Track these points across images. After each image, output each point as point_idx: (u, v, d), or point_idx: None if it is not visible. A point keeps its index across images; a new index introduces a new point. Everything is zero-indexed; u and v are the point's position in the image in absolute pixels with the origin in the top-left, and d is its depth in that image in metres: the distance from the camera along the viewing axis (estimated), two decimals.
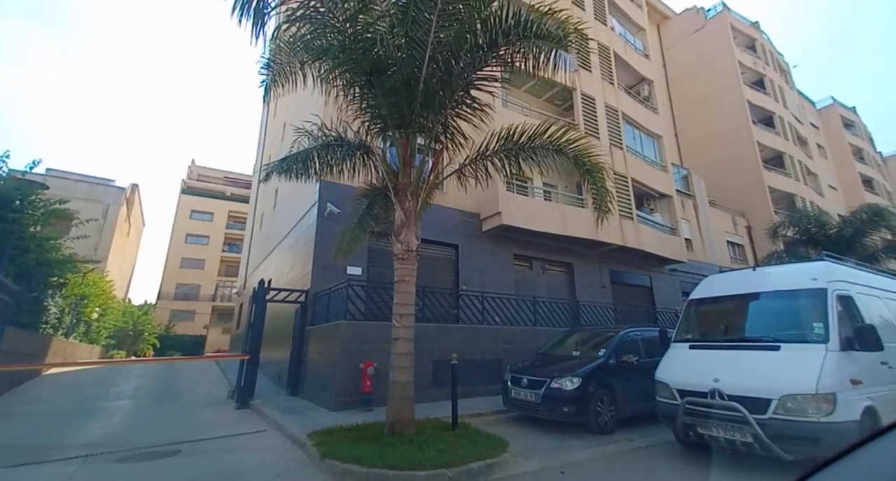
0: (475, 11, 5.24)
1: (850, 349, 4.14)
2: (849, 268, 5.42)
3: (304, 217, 11.06)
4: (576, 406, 5.83)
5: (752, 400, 4.04)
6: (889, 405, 4.16)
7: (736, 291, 5.49)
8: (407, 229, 5.79)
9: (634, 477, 4.25)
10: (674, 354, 5.35)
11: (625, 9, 19.42)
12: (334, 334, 7.87)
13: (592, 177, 5.94)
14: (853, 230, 15.31)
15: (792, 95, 33.30)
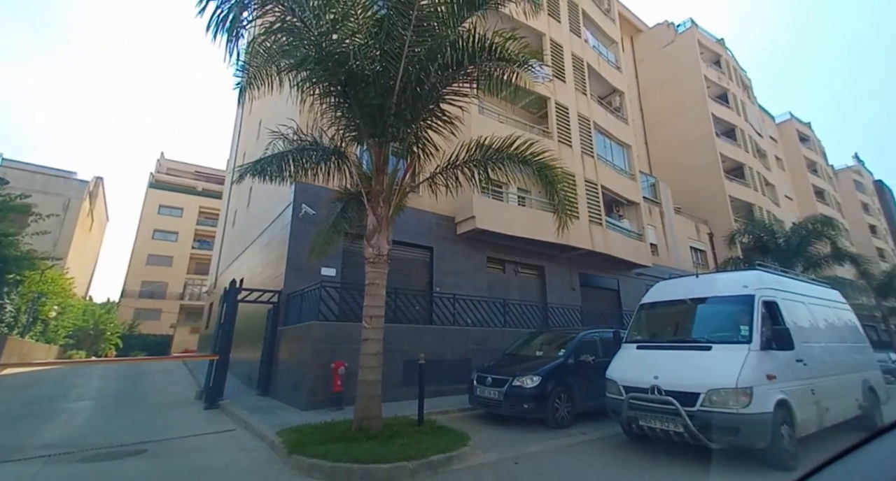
0: (448, 28, 5.54)
1: (769, 348, 4.68)
2: (777, 276, 6.03)
3: (279, 217, 11.06)
4: (535, 403, 6.22)
5: (684, 394, 4.52)
6: (800, 398, 4.74)
7: (679, 296, 6.02)
8: (379, 234, 6.02)
9: (579, 466, 4.64)
10: (623, 354, 5.81)
11: (598, 22, 20.19)
12: (306, 334, 7.98)
13: (554, 188, 6.34)
14: (800, 239, 16.56)
15: (753, 109, 35.32)
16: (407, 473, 4.10)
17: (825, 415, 5.14)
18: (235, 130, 27.70)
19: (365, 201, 6.22)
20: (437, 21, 5.49)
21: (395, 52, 5.51)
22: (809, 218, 17.76)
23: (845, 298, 7.14)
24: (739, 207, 27.33)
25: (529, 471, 4.40)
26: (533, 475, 4.31)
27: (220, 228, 26.52)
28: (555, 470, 4.47)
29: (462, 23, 5.71)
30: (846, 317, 7.10)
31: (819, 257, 16.90)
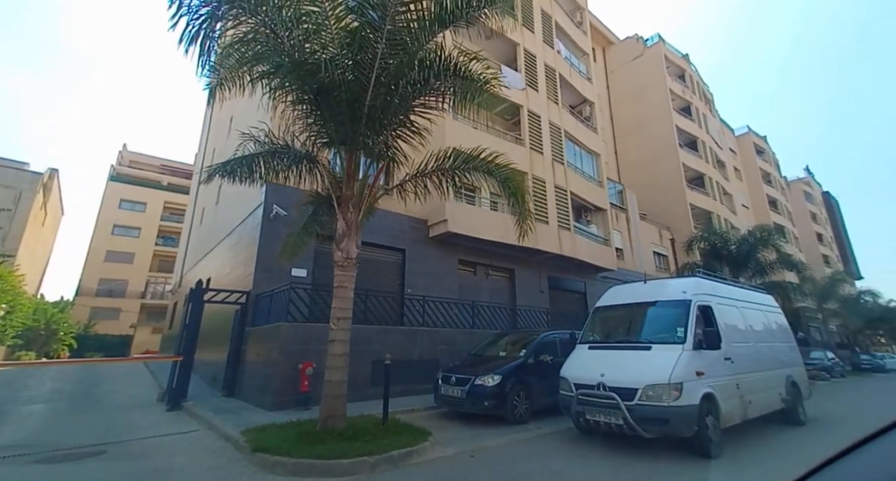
0: (419, 43, 5.80)
1: (701, 348, 5.22)
2: (714, 282, 6.65)
3: (249, 217, 10.98)
4: (495, 400, 6.58)
5: (625, 390, 4.97)
6: (726, 392, 5.31)
7: (628, 301, 6.54)
8: (348, 239, 6.20)
9: (530, 457, 5.01)
10: (576, 354, 6.25)
11: (571, 34, 20.97)
12: (275, 335, 8.03)
13: (517, 197, 6.70)
14: (749, 247, 17.84)
15: (714, 122, 37.42)
16: (367, 467, 4.33)
17: (749, 408, 5.74)
18: (205, 124, 26.89)
19: (335, 206, 6.38)
20: (409, 36, 5.74)
21: (367, 63, 5.70)
22: (758, 227, 19.15)
23: (791, 302, 7.99)
24: (700, 215, 28.93)
25: (483, 463, 4.73)
26: (486, 466, 4.64)
27: (187, 225, 25.68)
28: (507, 461, 4.82)
29: (433, 38, 5.98)
30: (776, 319, 7.85)
31: (766, 263, 18.25)
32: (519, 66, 16.69)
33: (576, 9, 22.58)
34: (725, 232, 21.12)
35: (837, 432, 6.65)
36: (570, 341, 7.16)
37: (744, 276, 18.81)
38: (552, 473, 4.39)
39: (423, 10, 5.64)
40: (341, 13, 5.75)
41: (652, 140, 29.98)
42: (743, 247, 18.14)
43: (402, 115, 6.01)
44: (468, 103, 5.56)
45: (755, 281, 18.93)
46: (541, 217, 15.33)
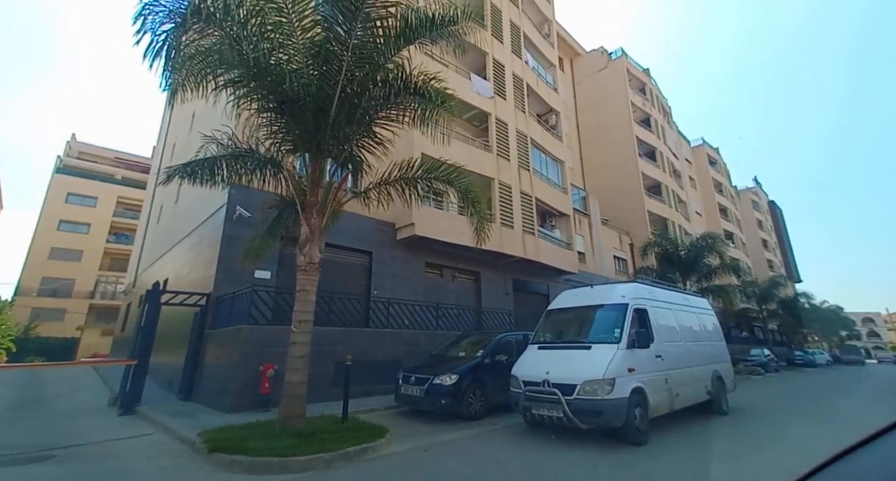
0: (384, 57, 6.06)
1: (633, 347, 5.80)
2: (651, 287, 7.32)
3: (211, 217, 10.80)
4: (452, 398, 6.94)
5: (567, 386, 5.47)
6: (654, 385, 5.93)
7: (576, 304, 7.09)
8: (311, 243, 6.36)
9: (479, 450, 5.41)
10: (527, 354, 6.73)
11: (539, 45, 21.78)
12: (235, 338, 8.02)
13: (476, 208, 7.09)
14: (696, 252, 19.25)
15: (671, 134, 39.72)
16: (323, 463, 4.54)
17: (676, 400, 6.40)
18: (165, 118, 25.77)
19: (299, 211, 6.52)
20: (375, 50, 5.99)
21: (333, 74, 5.91)
22: (705, 234, 20.68)
23: (734, 304, 8.76)
24: (657, 221, 30.66)
25: (435, 457, 5.06)
26: (437, 459, 4.97)
27: (143, 222, 24.50)
28: (457, 454, 5.18)
29: (399, 51, 6.26)
30: (708, 320, 8.68)
31: (711, 268, 19.75)
32: (488, 74, 17.21)
33: (544, 21, 23.44)
34: (676, 238, 22.60)
35: (750, 420, 7.49)
36: (524, 342, 7.62)
37: (692, 279, 20.26)
38: (496, 463, 4.78)
39: (388, 28, 5.92)
40: (308, 25, 5.93)
41: (614, 148, 31.50)
42: (691, 252, 19.56)
43: (366, 127, 6.25)
44: (427, 120, 5.87)
45: (702, 283, 20.44)
46: (506, 222, 15.90)
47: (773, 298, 33.28)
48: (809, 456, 4.67)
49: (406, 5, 6.08)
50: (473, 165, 15.31)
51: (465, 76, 16.35)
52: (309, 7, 5.78)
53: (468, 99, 15.94)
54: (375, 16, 5.86)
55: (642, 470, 4.50)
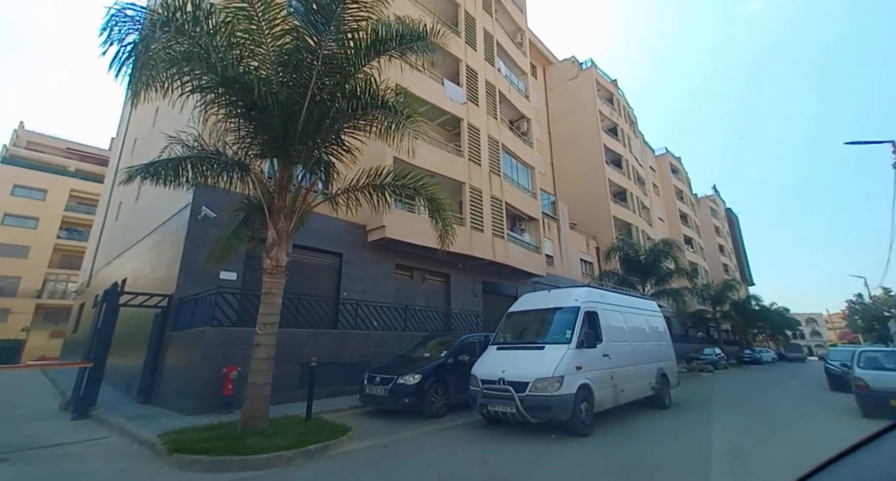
0: (354, 67, 6.26)
1: (583, 347, 6.29)
2: (603, 291, 7.89)
3: (175, 217, 10.58)
4: (415, 397, 7.22)
5: (520, 383, 5.88)
6: (600, 382, 6.46)
7: (535, 307, 7.54)
8: (278, 247, 6.46)
9: (437, 445, 5.72)
10: (486, 354, 7.11)
11: (511, 54, 22.40)
12: (198, 340, 7.96)
13: (441, 216, 7.39)
14: (654, 257, 20.40)
15: (637, 143, 41.59)
16: (284, 461, 4.70)
17: (621, 395, 6.97)
18: (126, 110, 24.61)
19: (267, 215, 6.60)
20: (346, 61, 6.18)
21: (303, 82, 6.06)
22: (662, 240, 21.92)
23: (688, 306, 9.36)
24: (622, 226, 32.06)
25: (393, 452, 5.32)
26: (395, 454, 5.23)
27: (100, 218, 23.30)
28: (415, 449, 5.47)
29: (369, 62, 6.47)
30: (656, 321, 9.38)
31: (666, 272, 20.99)
32: (461, 80, 17.60)
33: (517, 30, 24.12)
34: (637, 243, 23.79)
35: (687, 413, 8.23)
36: (486, 342, 7.99)
37: (651, 282, 21.41)
38: (450, 456, 5.10)
39: (359, 40, 6.13)
40: (278, 33, 6.05)
41: (583, 155, 32.71)
42: (650, 257, 20.71)
43: (335, 135, 6.43)
44: (394, 132, 6.13)
45: (659, 286, 21.65)
46: (476, 225, 16.32)
47: (726, 300, 35.49)
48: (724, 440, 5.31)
49: (377, 19, 6.31)
50: (445, 169, 15.65)
51: (439, 82, 16.66)
52: (279, 17, 5.91)
53: (441, 104, 16.26)
54: (346, 28, 6.06)
55: (581, 458, 4.95)
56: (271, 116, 5.82)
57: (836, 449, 0.90)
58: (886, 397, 7.30)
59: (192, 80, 5.28)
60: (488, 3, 20.64)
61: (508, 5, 23.17)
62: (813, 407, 9.54)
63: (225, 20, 5.19)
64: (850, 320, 41.50)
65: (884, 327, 31.65)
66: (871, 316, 33.70)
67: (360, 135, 6.60)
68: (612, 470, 4.61)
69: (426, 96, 15.72)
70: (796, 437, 6.36)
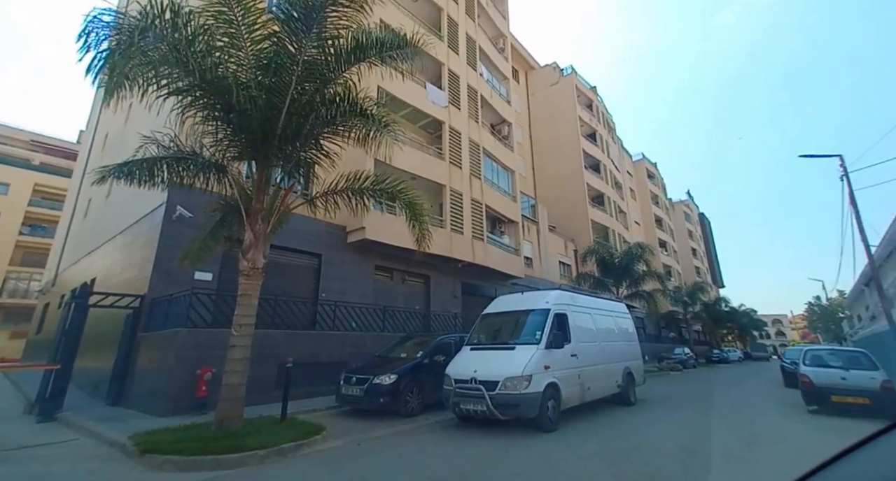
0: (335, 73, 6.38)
1: (551, 347, 6.60)
2: (573, 294, 8.25)
3: (149, 216, 10.39)
4: (390, 397, 7.38)
5: (491, 382, 6.13)
6: (567, 381, 6.80)
7: (508, 309, 7.82)
8: (255, 249, 6.52)
9: (409, 442, 5.92)
10: (460, 354, 7.35)
11: (493, 59, 22.78)
12: (171, 341, 7.89)
13: (418, 220, 7.58)
14: (627, 260, 21.14)
15: (614, 148, 42.76)
16: (257, 460, 4.79)
17: (587, 393, 7.32)
18: (97, 102, 23.75)
19: (244, 217, 6.64)
20: (326, 67, 6.29)
21: (282, 87, 6.14)
22: (635, 244, 22.72)
23: (659, 307, 9.81)
24: (599, 229, 32.92)
25: (366, 450, 5.48)
26: (368, 452, 5.40)
27: (67, 215, 22.42)
28: (388, 447, 5.64)
29: (350, 68, 6.60)
30: (624, 323, 9.83)
31: (639, 275, 21.79)
32: (443, 84, 17.82)
33: (499, 35, 24.53)
34: (612, 246, 24.55)
35: (649, 409, 8.71)
36: (462, 343, 8.22)
37: (624, 284, 22.17)
38: (421, 452, 5.31)
39: (339, 47, 6.25)
40: (258, 37, 6.12)
41: (563, 159, 33.46)
42: (624, 260, 21.45)
43: (314, 140, 6.53)
44: (372, 140, 6.28)
45: (633, 288, 22.43)
46: (457, 227, 16.57)
47: (697, 302, 36.94)
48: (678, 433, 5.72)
49: (356, 27, 6.45)
50: (426, 172, 15.85)
51: (422, 85, 16.84)
52: (259, 22, 5.98)
53: (423, 107, 16.45)
54: (327, 35, 6.18)
55: (545, 451, 5.25)
56: (250, 120, 5.88)
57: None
58: (828, 392, 7.92)
59: (171, 83, 5.30)
60: (471, 9, 20.94)
61: (491, 11, 23.55)
62: (765, 402, 10.21)
63: (204, 25, 5.23)
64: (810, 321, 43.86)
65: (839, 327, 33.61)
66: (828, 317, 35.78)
67: (340, 141, 6.72)
68: (571, 461, 4.91)
69: (408, 99, 15.89)
70: (743, 430, 6.86)
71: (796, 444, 5.99)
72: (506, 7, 25.78)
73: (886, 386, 7.55)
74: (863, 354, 8.50)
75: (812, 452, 5.43)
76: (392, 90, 15.15)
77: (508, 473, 4.44)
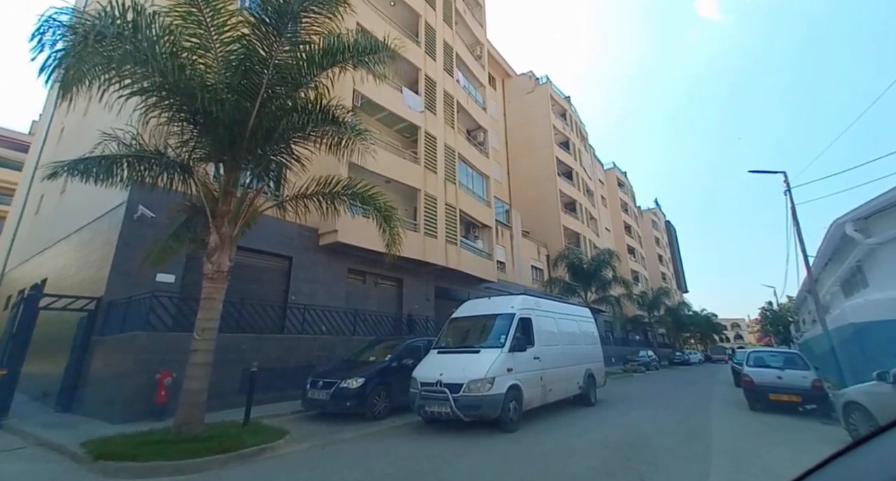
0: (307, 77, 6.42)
1: (514, 350, 6.85)
2: (538, 298, 8.58)
3: (108, 214, 9.99)
4: (357, 400, 7.43)
5: (455, 385, 6.31)
6: (530, 382, 7.08)
7: (475, 313, 8.04)
8: (220, 252, 6.44)
9: (372, 445, 6.01)
10: (428, 357, 7.50)
11: (470, 66, 23.18)
12: (129, 346, 7.63)
13: (388, 224, 7.69)
14: (596, 266, 21.93)
15: (587, 157, 44.18)
16: (217, 464, 4.76)
17: (549, 394, 7.63)
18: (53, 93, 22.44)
19: (209, 220, 6.55)
20: (298, 72, 6.33)
21: (252, 90, 6.13)
22: (603, 250, 23.61)
23: (628, 311, 10.22)
24: (571, 235, 33.88)
25: (330, 453, 5.54)
26: (331, 455, 5.45)
27: (16, 210, 21.04)
28: (351, 449, 5.72)
29: (322, 73, 6.65)
30: (587, 326, 10.26)
31: (606, 280, 22.64)
32: (420, 89, 18.00)
33: (476, 43, 24.98)
34: (582, 252, 25.37)
35: (608, 409, 9.16)
36: (430, 346, 8.37)
37: (592, 289, 22.95)
38: (383, 454, 5.41)
39: (311, 52, 6.30)
40: (227, 39, 6.10)
41: (537, 166, 34.30)
42: (593, 265, 22.23)
43: (285, 144, 6.54)
44: (343, 147, 6.36)
45: (600, 293, 23.24)
46: (430, 232, 16.72)
47: (661, 306, 38.59)
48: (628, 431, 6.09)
49: (328, 32, 6.52)
50: (401, 176, 15.94)
51: (398, 89, 16.95)
52: (229, 23, 5.96)
53: (399, 111, 16.57)
54: (298, 40, 6.22)
55: (503, 450, 5.50)
56: (217, 122, 5.84)
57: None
58: (766, 391, 8.58)
59: (134, 83, 5.21)
60: (448, 16, 21.27)
61: (468, 18, 23.98)
62: (714, 401, 10.91)
63: (170, 26, 5.18)
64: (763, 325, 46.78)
65: (787, 331, 35.96)
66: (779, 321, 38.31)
67: (311, 146, 6.74)
68: (525, 458, 5.16)
69: (384, 103, 15.96)
70: (688, 426, 7.36)
71: (729, 438, 6.52)
72: (483, 15, 26.30)
73: (816, 385, 8.26)
74: (797, 355, 9.26)
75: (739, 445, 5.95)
76: (368, 94, 15.19)
77: (464, 470, 4.62)
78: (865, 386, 5.28)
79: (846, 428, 5.59)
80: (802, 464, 0.91)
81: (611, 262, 22.14)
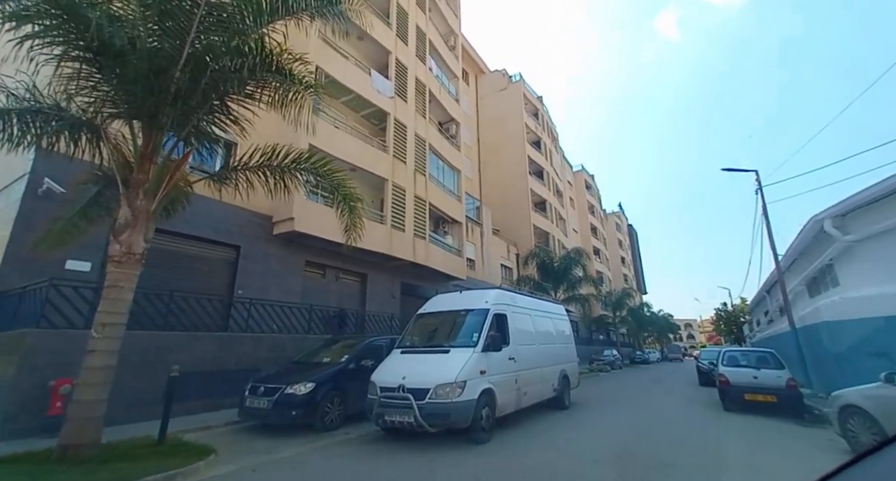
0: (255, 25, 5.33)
1: (488, 350, 6.07)
2: (514, 294, 7.86)
3: (6, 189, 8.32)
4: (304, 409, 6.36)
5: (420, 390, 5.44)
6: (504, 386, 6.33)
7: (444, 308, 7.20)
8: (133, 230, 5.22)
9: (320, 463, 5.01)
10: (390, 358, 6.57)
11: (444, 55, 22.37)
12: (17, 345, 6.18)
13: (348, 205, 6.71)
14: (566, 265, 21.78)
15: (557, 157, 44.60)
16: None
17: (524, 398, 6.92)
18: None
19: (120, 189, 5.33)
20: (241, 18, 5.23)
21: (177, 32, 4.99)
22: (572, 250, 23.57)
23: (593, 311, 10.04)
24: (541, 234, 33.85)
25: (263, 477, 4.48)
26: (264, 479, 4.41)
27: None
28: (291, 470, 4.69)
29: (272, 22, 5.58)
30: (563, 324, 9.69)
31: (575, 279, 22.58)
32: (390, 73, 16.97)
33: (450, 33, 24.21)
34: (552, 251, 25.25)
35: (583, 412, 8.60)
36: (392, 346, 7.45)
37: (562, 288, 22.83)
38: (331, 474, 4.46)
39: None
40: None
41: (509, 164, 34.03)
42: (562, 264, 22.07)
43: (218, 100, 5.41)
44: (291, 103, 5.33)
45: (569, 292, 23.17)
46: (398, 224, 15.74)
47: (624, 307, 39.52)
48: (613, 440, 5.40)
49: None
50: (368, 164, 14.88)
51: (366, 71, 15.86)
52: None
53: (367, 95, 15.49)
54: None
55: (474, 467, 4.66)
56: (128, 67, 4.66)
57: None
58: (742, 391, 8.34)
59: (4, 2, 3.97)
60: (422, 1, 20.37)
61: (443, 6, 23.19)
62: (686, 402, 10.67)
63: None
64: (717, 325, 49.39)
65: (740, 330, 37.81)
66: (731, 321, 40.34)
67: (252, 104, 5.63)
68: (505, 478, 4.37)
69: (351, 85, 14.85)
70: (671, 432, 6.88)
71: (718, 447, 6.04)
72: (458, 5, 25.58)
73: (791, 384, 8.09)
74: (770, 354, 9.13)
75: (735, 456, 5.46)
76: (333, 73, 14.04)
77: None
78: (868, 389, 4.93)
79: (842, 435, 5.22)
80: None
81: (581, 261, 22.08)
